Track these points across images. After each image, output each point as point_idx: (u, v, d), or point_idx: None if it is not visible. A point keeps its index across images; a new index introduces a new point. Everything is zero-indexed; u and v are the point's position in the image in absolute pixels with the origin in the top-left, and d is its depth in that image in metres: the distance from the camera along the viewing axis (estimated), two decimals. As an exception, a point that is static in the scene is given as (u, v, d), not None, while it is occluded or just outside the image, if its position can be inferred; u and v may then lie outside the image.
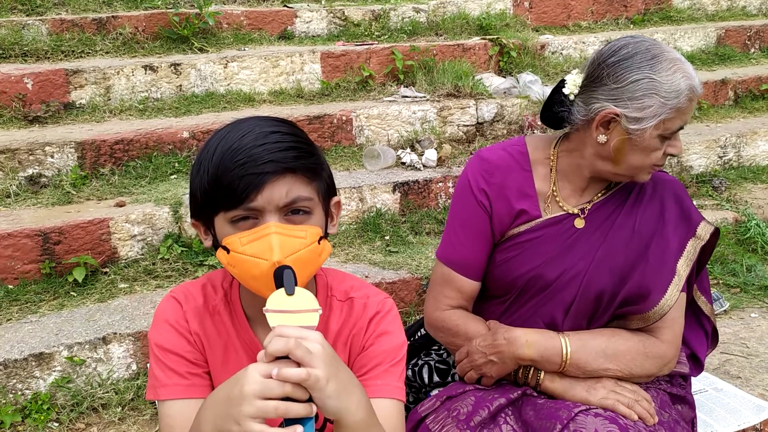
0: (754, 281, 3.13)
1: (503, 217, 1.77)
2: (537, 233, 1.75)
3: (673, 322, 1.70)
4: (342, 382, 1.14)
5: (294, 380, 1.06)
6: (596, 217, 1.75)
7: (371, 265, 2.85)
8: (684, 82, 1.57)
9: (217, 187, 1.25)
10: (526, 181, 1.78)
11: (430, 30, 4.82)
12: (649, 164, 1.65)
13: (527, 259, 1.75)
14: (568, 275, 1.71)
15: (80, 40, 3.90)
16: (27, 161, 3.02)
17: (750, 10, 6.09)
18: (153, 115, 3.56)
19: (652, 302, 1.65)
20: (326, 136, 3.57)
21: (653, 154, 1.63)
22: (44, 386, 2.26)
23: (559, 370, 1.66)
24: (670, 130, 1.60)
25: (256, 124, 1.29)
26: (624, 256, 1.70)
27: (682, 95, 1.57)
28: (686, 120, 1.62)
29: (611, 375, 1.65)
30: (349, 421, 1.17)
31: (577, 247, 1.73)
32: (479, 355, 1.71)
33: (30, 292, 2.59)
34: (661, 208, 1.73)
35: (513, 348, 1.66)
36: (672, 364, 1.72)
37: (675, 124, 1.60)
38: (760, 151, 4.23)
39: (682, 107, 1.58)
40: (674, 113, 1.58)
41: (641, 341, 1.68)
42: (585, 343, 1.65)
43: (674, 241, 1.70)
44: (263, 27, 4.45)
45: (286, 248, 1.22)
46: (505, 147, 1.84)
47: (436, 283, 1.85)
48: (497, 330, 1.72)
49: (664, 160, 1.66)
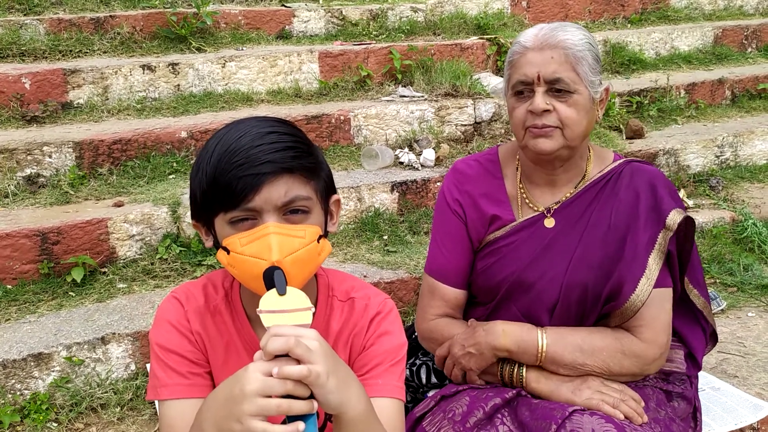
0: (751, 280, 3.14)
1: (477, 225, 1.81)
2: (512, 237, 1.77)
3: (653, 320, 1.66)
4: (341, 376, 1.15)
5: (295, 377, 1.07)
6: (569, 216, 1.75)
7: (369, 265, 2.85)
8: (516, 40, 1.72)
9: (215, 188, 1.26)
10: (498, 188, 1.83)
11: (427, 29, 4.82)
12: (519, 123, 1.71)
13: (506, 265, 1.76)
14: (548, 277, 1.71)
15: (78, 40, 3.89)
16: (25, 161, 3.02)
17: (747, 9, 6.10)
18: (151, 115, 3.56)
19: (624, 298, 1.64)
20: (324, 136, 3.57)
21: (514, 113, 1.72)
22: (43, 386, 2.26)
23: (536, 363, 1.66)
24: (512, 84, 1.71)
25: (253, 125, 1.30)
26: (602, 253, 1.69)
27: (513, 50, 1.72)
28: (524, 73, 1.67)
29: (589, 371, 1.64)
30: (350, 415, 1.18)
31: (554, 248, 1.73)
32: (458, 347, 1.72)
33: (28, 293, 2.59)
34: (635, 199, 1.71)
35: (490, 338, 1.67)
36: (657, 364, 1.69)
37: (514, 78, 1.70)
38: (757, 151, 4.25)
39: (513, 60, 1.71)
40: (511, 68, 1.72)
41: (618, 339, 1.66)
42: (562, 337, 1.66)
43: (645, 234, 1.67)
44: (261, 26, 4.44)
45: (284, 248, 1.22)
46: (478, 157, 1.91)
47: (423, 294, 1.88)
48: (477, 324, 1.74)
49: (534, 119, 1.67)
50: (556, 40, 1.65)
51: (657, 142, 3.99)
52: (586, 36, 1.69)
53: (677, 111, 4.50)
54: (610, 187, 1.75)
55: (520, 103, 1.69)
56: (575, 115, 1.65)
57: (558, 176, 1.77)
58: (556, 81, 1.64)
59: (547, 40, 1.66)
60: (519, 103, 1.70)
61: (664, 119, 4.42)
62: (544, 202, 1.78)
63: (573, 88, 1.64)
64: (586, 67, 1.66)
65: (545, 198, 1.79)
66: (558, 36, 1.66)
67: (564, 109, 1.65)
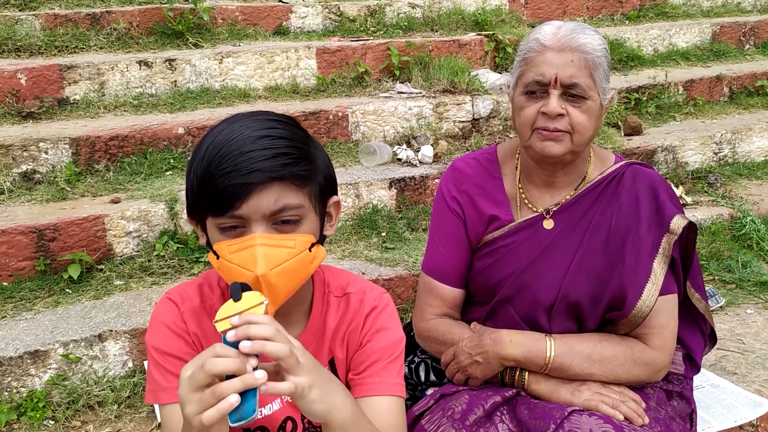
0: (749, 277, 3.14)
1: (476, 224, 1.79)
2: (511, 238, 1.75)
3: (662, 328, 1.65)
4: (324, 385, 1.14)
5: (284, 393, 1.08)
6: (569, 218, 1.73)
7: (367, 262, 2.85)
8: (532, 36, 1.65)
9: (203, 193, 1.24)
10: (496, 188, 1.80)
11: (425, 26, 4.80)
12: (527, 123, 1.65)
13: (504, 266, 1.75)
14: (546, 279, 1.70)
15: (74, 36, 3.87)
16: (21, 157, 3.00)
17: (745, 6, 6.10)
18: (148, 111, 3.54)
19: (629, 305, 1.62)
20: (322, 132, 3.55)
21: (523, 113, 1.65)
22: (40, 384, 2.25)
23: (542, 371, 1.65)
24: (525, 82, 1.64)
25: (247, 125, 1.26)
26: (603, 258, 1.67)
27: (528, 46, 1.65)
28: (540, 73, 1.61)
29: (596, 380, 1.63)
30: (337, 422, 1.17)
31: (553, 250, 1.71)
32: (465, 356, 1.70)
33: (25, 290, 2.58)
34: (636, 203, 1.69)
35: (498, 348, 1.66)
36: (664, 371, 1.69)
37: (528, 76, 1.63)
38: (755, 147, 4.24)
39: (528, 58, 1.64)
40: (524, 65, 1.66)
41: (629, 347, 1.65)
42: (571, 347, 1.64)
43: (649, 239, 1.65)
44: (258, 22, 4.42)
45: (271, 260, 1.20)
46: (477, 156, 1.87)
47: (421, 293, 1.87)
48: (483, 331, 1.72)
49: (545, 122, 1.62)
50: (577, 42, 1.60)
51: (655, 138, 3.98)
52: (603, 41, 1.66)
53: (675, 108, 4.50)
54: (611, 190, 1.73)
55: (531, 103, 1.64)
56: (586, 121, 1.62)
57: (558, 178, 1.75)
58: (573, 86, 1.60)
59: (568, 42, 1.60)
60: (530, 103, 1.64)
61: (662, 116, 4.42)
62: (543, 203, 1.77)
63: (588, 95, 1.61)
64: (602, 74, 1.63)
65: (544, 199, 1.77)
66: (579, 39, 1.61)
67: (577, 115, 1.61)
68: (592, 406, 1.57)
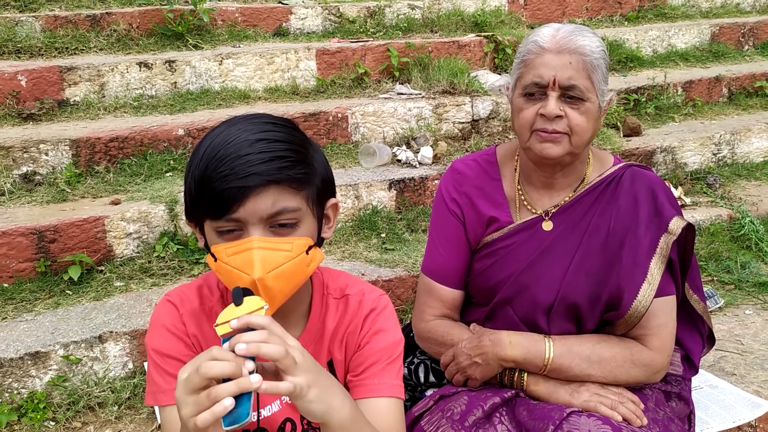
0: (748, 278, 3.14)
1: (475, 226, 1.80)
2: (510, 240, 1.76)
3: (660, 329, 1.66)
4: (323, 385, 1.15)
5: (282, 393, 1.09)
6: (568, 220, 1.73)
7: (367, 263, 2.85)
8: (531, 39, 1.66)
9: (201, 196, 1.24)
10: (495, 190, 1.81)
11: (425, 27, 4.81)
12: (525, 125, 1.66)
13: (504, 267, 1.75)
14: (545, 281, 1.70)
15: (74, 37, 3.87)
16: (21, 159, 3.01)
17: (744, 7, 6.11)
18: (148, 113, 3.55)
19: (625, 305, 1.63)
20: (322, 134, 3.56)
21: (522, 114, 1.66)
22: (40, 385, 2.26)
23: (540, 372, 1.66)
24: (524, 84, 1.65)
25: (245, 128, 1.26)
26: (602, 260, 1.68)
27: (527, 48, 1.66)
28: (539, 74, 1.62)
29: (594, 381, 1.64)
30: (335, 422, 1.18)
31: (552, 252, 1.72)
32: (464, 357, 1.71)
33: (25, 291, 2.58)
34: (635, 204, 1.70)
35: (497, 349, 1.66)
36: (663, 372, 1.70)
37: (527, 78, 1.64)
38: (754, 148, 4.25)
39: (527, 60, 1.66)
40: (523, 67, 1.67)
41: (628, 348, 1.66)
42: (570, 349, 1.65)
43: (646, 239, 1.66)
44: (258, 24, 4.43)
45: (267, 263, 1.21)
46: (476, 157, 1.88)
47: (420, 294, 1.88)
48: (483, 332, 1.73)
49: (544, 124, 1.63)
50: (575, 44, 1.61)
51: (654, 139, 3.99)
52: (601, 43, 1.66)
53: (674, 108, 4.51)
54: (610, 192, 1.73)
55: (530, 105, 1.65)
56: (585, 123, 1.63)
57: (557, 179, 1.76)
58: (571, 88, 1.61)
59: (566, 44, 1.62)
60: (528, 104, 1.65)
61: (661, 117, 4.42)
62: (542, 204, 1.78)
63: (586, 96, 1.62)
64: (600, 76, 1.64)
65: (543, 201, 1.78)
66: (577, 41, 1.62)
67: (575, 117, 1.62)
68: (591, 407, 1.57)
